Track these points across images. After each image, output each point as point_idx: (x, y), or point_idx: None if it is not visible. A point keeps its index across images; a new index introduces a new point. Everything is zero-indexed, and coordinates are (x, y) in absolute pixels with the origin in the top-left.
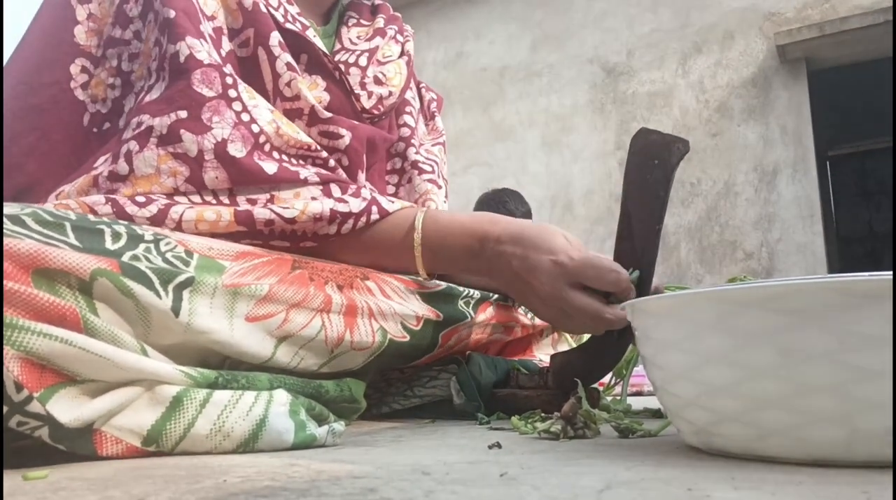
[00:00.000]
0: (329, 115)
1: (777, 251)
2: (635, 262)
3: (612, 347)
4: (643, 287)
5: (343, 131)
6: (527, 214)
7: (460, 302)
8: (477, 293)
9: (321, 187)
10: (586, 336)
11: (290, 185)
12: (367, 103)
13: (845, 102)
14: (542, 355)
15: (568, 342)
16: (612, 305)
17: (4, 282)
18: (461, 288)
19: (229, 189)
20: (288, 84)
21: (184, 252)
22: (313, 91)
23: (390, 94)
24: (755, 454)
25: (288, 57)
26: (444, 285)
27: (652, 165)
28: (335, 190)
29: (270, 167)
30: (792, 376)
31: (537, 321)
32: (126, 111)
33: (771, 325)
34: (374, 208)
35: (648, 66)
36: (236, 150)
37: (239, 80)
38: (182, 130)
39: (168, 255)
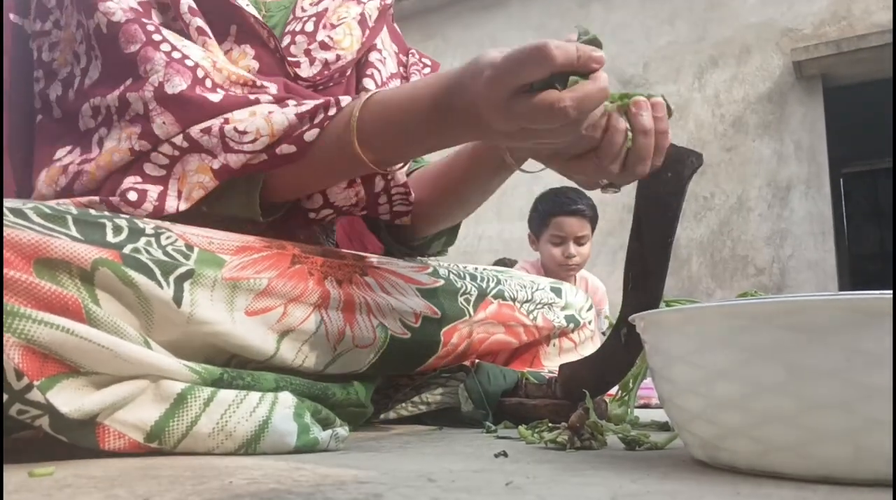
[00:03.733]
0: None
1: (788, 267)
2: (646, 274)
3: (620, 358)
4: (654, 300)
5: (267, 84)
6: (592, 207)
7: (460, 299)
8: (476, 290)
9: (276, 104)
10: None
11: (241, 107)
12: (308, 71)
13: (860, 120)
14: (550, 365)
15: (577, 353)
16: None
17: (7, 271)
18: (460, 284)
19: (180, 131)
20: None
21: (184, 246)
22: (242, 61)
23: (338, 58)
24: (761, 469)
25: (199, 21)
26: (442, 281)
27: (665, 177)
28: (291, 103)
29: (215, 97)
30: (799, 392)
31: (539, 322)
32: (53, 101)
33: (779, 341)
34: (332, 100)
35: (664, 79)
36: (173, 87)
37: (162, 27)
38: (128, 94)
39: (168, 248)
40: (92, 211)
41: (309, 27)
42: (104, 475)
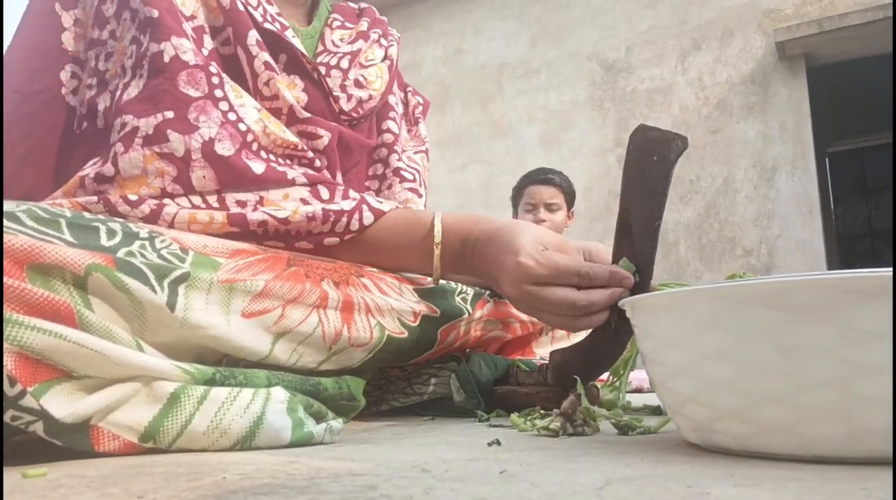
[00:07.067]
0: (308, 115)
1: (776, 248)
2: (634, 258)
3: (611, 343)
4: (643, 284)
5: (322, 132)
6: (565, 179)
7: (457, 298)
8: (471, 290)
9: (309, 189)
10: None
11: (278, 185)
12: (345, 106)
13: (844, 99)
14: (542, 353)
15: (569, 342)
16: (588, 290)
17: None
18: (454, 284)
19: (217, 190)
20: (266, 83)
21: (179, 249)
22: (292, 91)
23: (370, 97)
24: (755, 450)
25: (266, 56)
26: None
27: (651, 161)
28: (324, 192)
29: (258, 167)
30: (791, 372)
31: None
32: (101, 110)
33: (770, 321)
34: (365, 207)
35: (647, 63)
36: (224, 148)
37: (226, 79)
38: (169, 130)
39: (163, 251)
40: (86, 214)
41: (344, 64)
42: (97, 474)
